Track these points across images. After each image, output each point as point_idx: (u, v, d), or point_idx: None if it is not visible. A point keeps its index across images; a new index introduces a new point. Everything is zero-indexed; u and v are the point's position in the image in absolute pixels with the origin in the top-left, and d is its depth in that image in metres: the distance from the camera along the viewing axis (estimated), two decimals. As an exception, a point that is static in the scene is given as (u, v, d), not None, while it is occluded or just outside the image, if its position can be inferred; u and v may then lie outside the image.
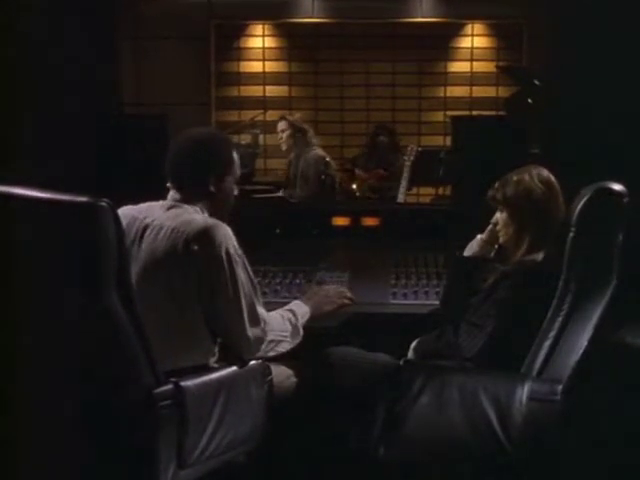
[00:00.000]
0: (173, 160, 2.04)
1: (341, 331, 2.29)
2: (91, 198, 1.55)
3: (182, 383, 1.75)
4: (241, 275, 1.92)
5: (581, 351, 1.72)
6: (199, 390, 1.79)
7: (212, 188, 2.01)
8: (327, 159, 4.51)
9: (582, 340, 1.74)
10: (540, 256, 2.03)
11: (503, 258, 2.19)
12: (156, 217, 1.96)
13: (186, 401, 1.74)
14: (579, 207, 1.77)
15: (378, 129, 5.26)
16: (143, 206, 2.04)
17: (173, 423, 1.72)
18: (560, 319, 1.79)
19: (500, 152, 2.76)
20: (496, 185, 2.13)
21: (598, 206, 1.77)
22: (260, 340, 1.99)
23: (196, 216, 1.96)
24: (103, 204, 1.55)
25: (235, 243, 1.93)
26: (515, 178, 2.09)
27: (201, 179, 2.00)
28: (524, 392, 1.74)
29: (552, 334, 1.80)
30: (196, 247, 1.86)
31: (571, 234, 1.78)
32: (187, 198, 2.00)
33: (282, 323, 2.09)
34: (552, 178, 2.08)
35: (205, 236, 1.88)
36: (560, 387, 1.71)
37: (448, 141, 5.90)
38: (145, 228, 1.95)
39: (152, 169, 2.87)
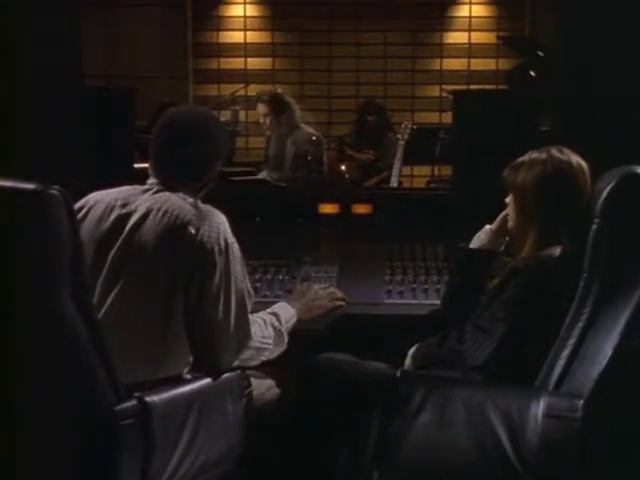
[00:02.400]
0: (166, 148, 1.94)
1: (329, 335, 2.19)
2: (39, 185, 1.46)
3: (147, 398, 1.65)
4: (237, 268, 1.87)
5: (605, 361, 1.60)
6: (167, 406, 1.69)
7: (204, 179, 1.99)
8: (320, 138, 4.37)
9: (606, 349, 1.61)
10: (557, 251, 1.92)
11: (513, 252, 2.10)
12: (140, 202, 1.88)
13: (152, 419, 1.64)
14: (603, 195, 1.66)
15: (366, 107, 5.07)
16: (117, 191, 1.94)
17: (137, 445, 1.63)
18: (581, 324, 1.68)
19: (507, 130, 2.69)
20: (511, 165, 2.04)
21: (626, 194, 1.65)
22: (243, 344, 1.90)
23: (188, 200, 1.89)
24: (53, 191, 1.46)
25: (231, 233, 1.88)
26: (529, 159, 1.99)
27: (199, 173, 1.96)
28: (539, 408, 1.62)
29: (571, 342, 1.69)
30: (193, 231, 1.80)
31: (594, 226, 1.66)
32: (173, 185, 1.92)
33: (264, 328, 2.00)
34: (574, 162, 1.96)
35: (204, 220, 1.83)
36: (581, 402, 1.60)
37: (444, 118, 5.98)
38: (128, 215, 1.87)
39: (117, 150, 2.71)
